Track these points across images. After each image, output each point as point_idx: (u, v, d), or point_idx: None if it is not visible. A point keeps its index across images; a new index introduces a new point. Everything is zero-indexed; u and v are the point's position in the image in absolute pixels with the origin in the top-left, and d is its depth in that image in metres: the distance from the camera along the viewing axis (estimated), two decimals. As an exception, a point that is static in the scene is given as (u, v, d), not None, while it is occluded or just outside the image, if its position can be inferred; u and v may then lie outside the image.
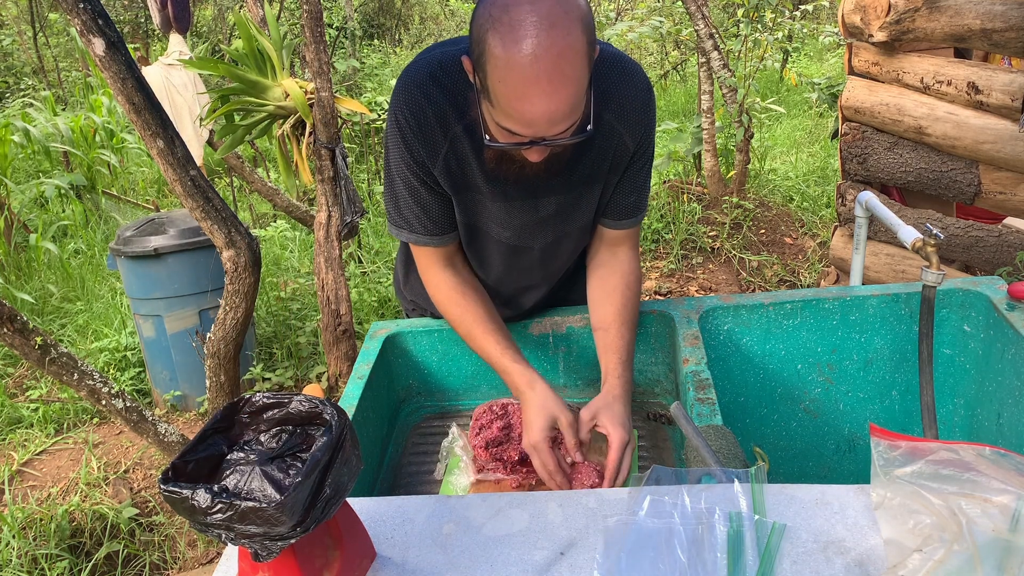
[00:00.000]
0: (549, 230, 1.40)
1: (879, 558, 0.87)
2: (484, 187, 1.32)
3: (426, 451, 1.53)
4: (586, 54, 1.04)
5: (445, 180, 1.32)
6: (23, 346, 2.11)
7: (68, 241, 5.35)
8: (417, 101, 1.25)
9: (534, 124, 1.06)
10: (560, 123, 1.07)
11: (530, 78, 1.00)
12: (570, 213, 1.38)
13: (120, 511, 2.71)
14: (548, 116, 1.04)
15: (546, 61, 0.99)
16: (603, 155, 1.32)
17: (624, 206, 1.42)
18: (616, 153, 1.32)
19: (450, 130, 1.27)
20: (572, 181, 1.32)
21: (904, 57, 2.74)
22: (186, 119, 3.96)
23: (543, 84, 1.01)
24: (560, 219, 1.39)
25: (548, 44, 0.99)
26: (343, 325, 3.07)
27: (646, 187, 1.42)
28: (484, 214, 1.37)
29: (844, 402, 1.68)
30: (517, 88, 1.02)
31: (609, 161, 1.33)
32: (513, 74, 1.01)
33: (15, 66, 9.63)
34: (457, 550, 0.97)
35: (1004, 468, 0.87)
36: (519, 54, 0.99)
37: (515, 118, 1.06)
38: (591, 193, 1.36)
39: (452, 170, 1.31)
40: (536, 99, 1.02)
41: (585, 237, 1.48)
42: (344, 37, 9.00)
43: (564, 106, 1.04)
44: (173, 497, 0.77)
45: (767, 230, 4.73)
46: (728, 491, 0.98)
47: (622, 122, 1.29)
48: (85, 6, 1.97)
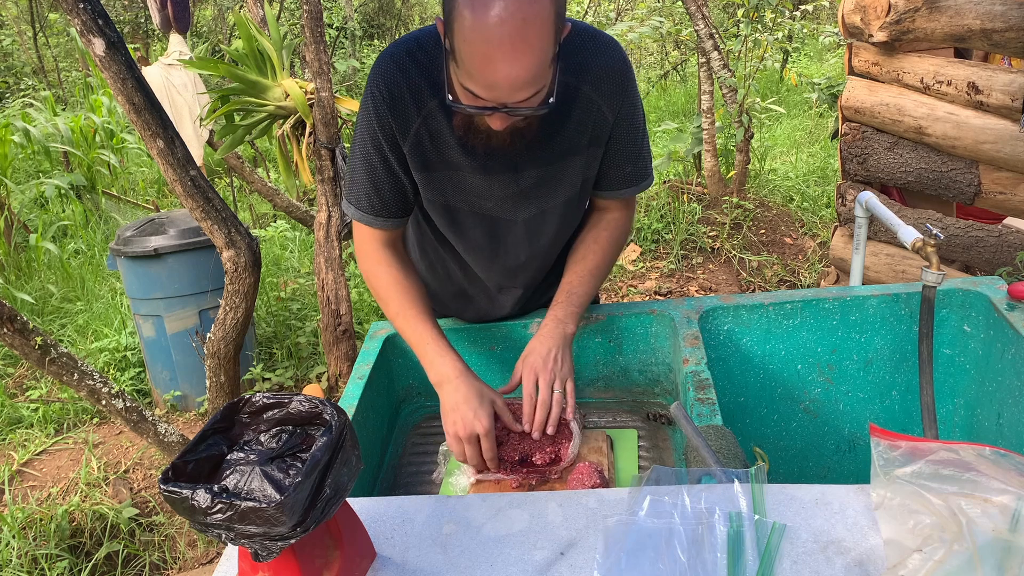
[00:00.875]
0: (532, 203, 1.41)
1: (879, 558, 0.87)
2: (462, 161, 1.32)
3: (426, 451, 1.53)
4: (552, 24, 1.05)
5: (416, 156, 1.32)
6: (23, 346, 2.11)
7: (68, 241, 5.35)
8: (392, 75, 1.27)
9: (495, 88, 1.07)
10: (521, 90, 1.08)
11: (494, 41, 1.02)
12: (552, 186, 1.39)
13: (120, 511, 2.71)
14: (510, 81, 1.06)
15: (511, 25, 1.01)
16: (582, 127, 1.33)
17: (620, 177, 1.43)
18: (595, 125, 1.34)
19: (424, 106, 1.28)
20: (552, 153, 1.33)
21: (904, 57, 2.74)
22: (186, 119, 3.96)
23: (506, 48, 1.02)
24: (542, 192, 1.39)
25: (514, 9, 1.01)
26: (343, 325, 3.07)
27: (642, 157, 1.43)
28: (463, 189, 1.37)
29: (844, 402, 1.68)
30: (481, 50, 1.04)
31: (588, 134, 1.34)
32: (478, 36, 1.03)
33: (15, 66, 9.63)
34: (457, 550, 0.97)
35: (1004, 468, 0.87)
36: (485, 16, 1.01)
37: (478, 80, 1.07)
38: (572, 165, 1.37)
39: (424, 146, 1.31)
40: (499, 62, 1.04)
41: (571, 213, 1.48)
42: (344, 37, 9.00)
43: (526, 72, 1.05)
44: (173, 497, 0.77)
45: (767, 230, 4.73)
46: (728, 491, 0.98)
47: (599, 94, 1.31)
48: (85, 6, 1.97)
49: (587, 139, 1.35)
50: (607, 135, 1.37)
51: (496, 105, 1.11)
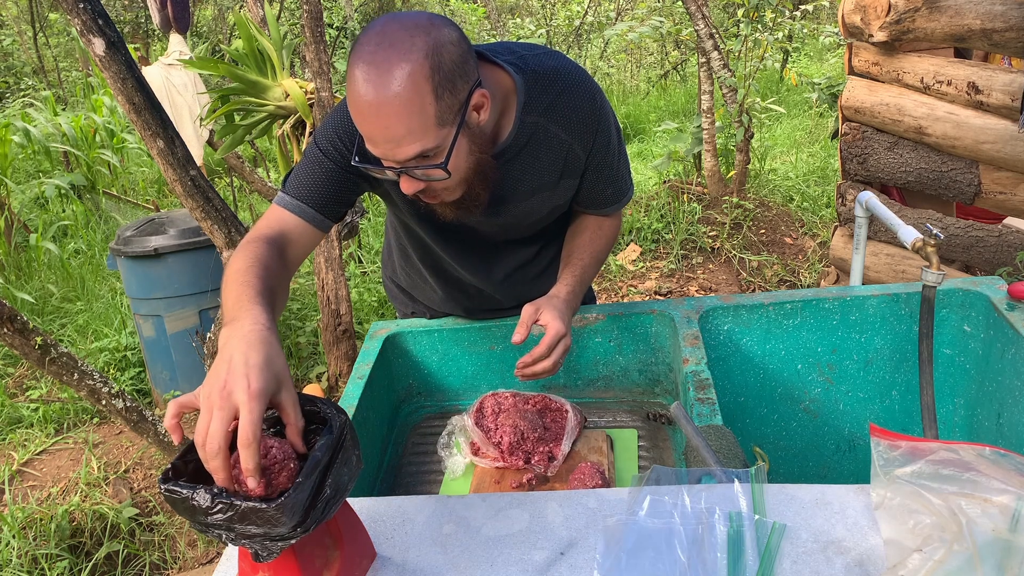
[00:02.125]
0: (499, 232, 1.46)
1: (879, 558, 0.87)
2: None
3: (426, 451, 1.53)
4: (427, 80, 1.04)
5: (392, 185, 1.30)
6: (23, 346, 2.11)
7: (68, 241, 5.35)
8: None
9: (374, 142, 1.09)
10: (398, 146, 1.07)
11: (359, 95, 1.05)
12: (520, 218, 1.42)
13: (120, 511, 2.71)
14: (381, 135, 1.07)
15: (372, 80, 1.03)
16: (552, 165, 1.34)
17: (603, 198, 1.45)
18: (567, 161, 1.34)
19: None
20: (520, 191, 1.35)
21: (904, 57, 2.74)
22: (186, 119, 3.96)
23: (368, 102, 1.04)
24: (511, 224, 1.43)
25: (377, 63, 1.03)
26: (343, 325, 3.07)
27: (620, 176, 1.44)
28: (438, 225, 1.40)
29: (844, 402, 1.68)
30: (353, 105, 1.07)
31: (559, 170, 1.35)
32: (350, 90, 1.06)
33: (15, 66, 9.64)
34: (457, 550, 0.97)
35: (1004, 468, 0.87)
36: (353, 70, 1.05)
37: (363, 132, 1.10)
38: (544, 200, 1.39)
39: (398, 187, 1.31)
40: (366, 117, 1.06)
41: (543, 231, 1.52)
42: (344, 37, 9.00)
43: (396, 126, 1.05)
44: (173, 497, 0.77)
45: (767, 230, 4.73)
46: (728, 491, 0.98)
47: (569, 132, 1.31)
48: (85, 6, 1.97)
49: (557, 175, 1.36)
50: (581, 169, 1.37)
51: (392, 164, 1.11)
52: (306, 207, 1.28)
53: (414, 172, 1.12)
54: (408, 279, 1.71)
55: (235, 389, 0.82)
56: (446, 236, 1.47)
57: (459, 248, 1.50)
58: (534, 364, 1.25)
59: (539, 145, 1.30)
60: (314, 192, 1.29)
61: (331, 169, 1.29)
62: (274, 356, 0.88)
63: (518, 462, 1.34)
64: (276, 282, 1.13)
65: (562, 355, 1.26)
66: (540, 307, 1.29)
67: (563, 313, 1.28)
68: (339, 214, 1.34)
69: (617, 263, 4.59)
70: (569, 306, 1.33)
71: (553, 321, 1.25)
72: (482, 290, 1.59)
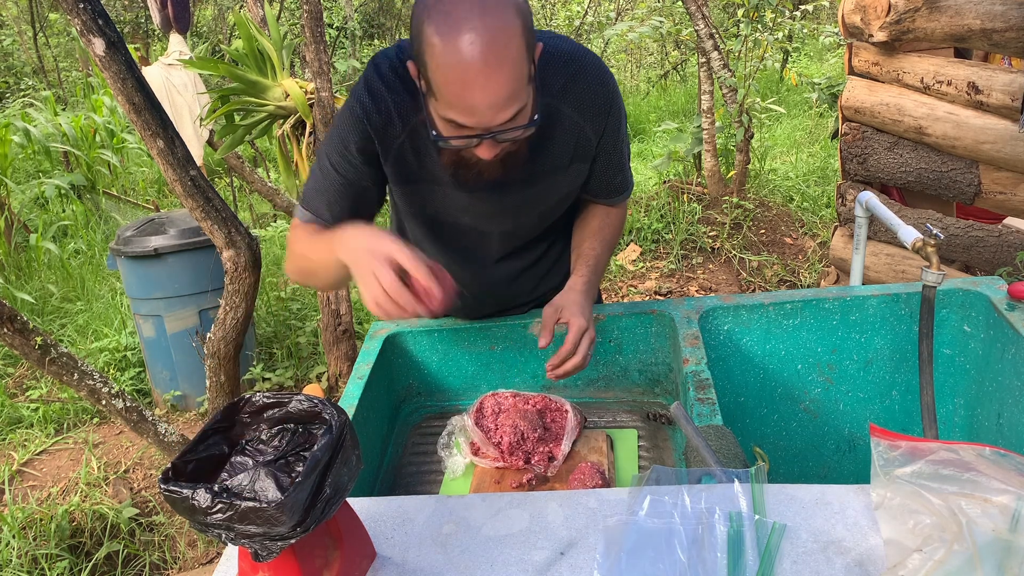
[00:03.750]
0: (509, 219, 1.42)
1: (879, 558, 0.87)
2: (444, 176, 1.31)
3: (426, 451, 1.53)
4: (523, 39, 1.05)
5: (398, 172, 1.32)
6: (23, 346, 2.11)
7: (68, 241, 5.35)
8: (378, 90, 1.26)
9: (476, 111, 1.06)
10: (502, 110, 1.07)
11: (467, 63, 1.01)
12: (532, 203, 1.40)
13: (120, 511, 2.71)
14: (488, 101, 1.05)
15: (481, 45, 1.01)
16: (564, 147, 1.33)
17: (612, 186, 1.45)
18: (579, 144, 1.34)
19: (409, 121, 1.27)
20: (535, 173, 1.34)
21: (904, 57, 2.74)
22: (186, 119, 3.96)
23: (479, 67, 1.02)
24: (522, 209, 1.40)
25: (482, 28, 1.01)
26: (343, 325, 3.07)
27: (626, 167, 1.45)
28: (446, 203, 1.37)
29: (844, 402, 1.68)
30: (456, 76, 1.03)
31: (571, 153, 1.34)
32: (451, 61, 1.02)
33: (15, 66, 9.64)
34: (457, 550, 0.97)
35: (1004, 468, 0.87)
36: (455, 40, 1.01)
37: (459, 108, 1.06)
38: (555, 184, 1.38)
39: (407, 161, 1.31)
40: (475, 83, 1.03)
41: (545, 222, 1.50)
42: (344, 37, 9.00)
43: (503, 90, 1.04)
44: (173, 497, 0.77)
45: (767, 230, 4.73)
46: (728, 491, 0.98)
47: (581, 114, 1.31)
48: (85, 6, 1.97)
49: (568, 158, 1.35)
50: (592, 154, 1.37)
51: (481, 132, 1.09)
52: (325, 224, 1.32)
53: (503, 135, 1.11)
54: None
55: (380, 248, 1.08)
56: (450, 237, 1.47)
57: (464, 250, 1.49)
58: (563, 363, 1.27)
59: (552, 127, 1.29)
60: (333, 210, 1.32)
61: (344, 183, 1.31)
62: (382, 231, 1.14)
63: (518, 462, 1.34)
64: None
65: (589, 348, 1.28)
66: (559, 307, 1.30)
67: (582, 307, 1.29)
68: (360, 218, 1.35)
69: (617, 263, 4.59)
70: (587, 297, 1.33)
71: (574, 318, 1.27)
72: (483, 293, 1.59)
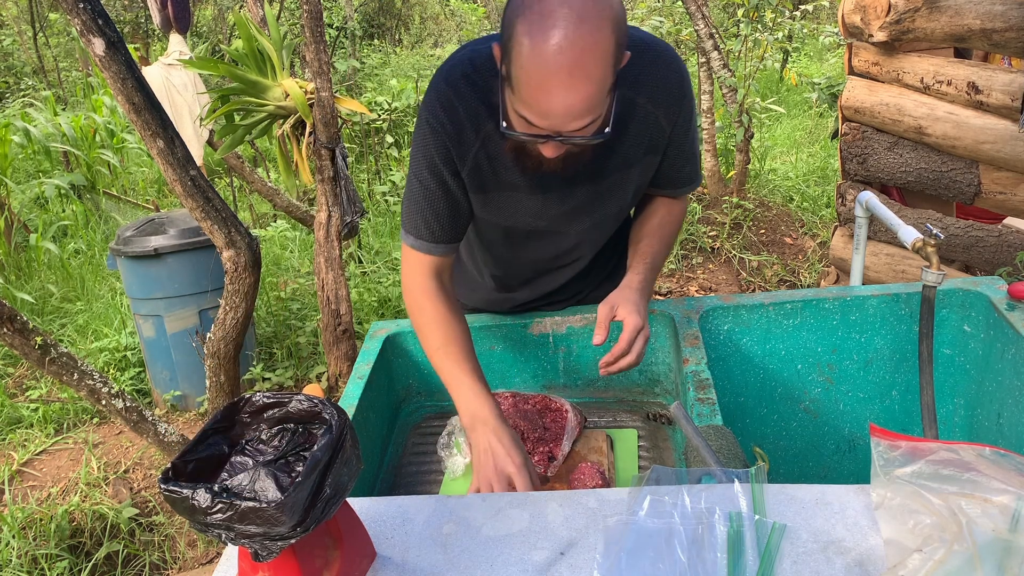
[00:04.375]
0: (584, 216, 1.40)
1: (879, 558, 0.87)
2: (519, 182, 1.31)
3: (426, 451, 1.53)
4: (612, 55, 1.04)
5: (474, 180, 1.32)
6: (23, 346, 2.11)
7: (68, 241, 5.35)
8: (449, 100, 1.26)
9: (550, 116, 1.06)
10: (576, 119, 1.07)
11: (552, 70, 1.01)
12: (607, 198, 1.38)
13: (120, 511, 2.71)
14: (565, 110, 1.05)
15: (570, 55, 1.00)
16: (639, 140, 1.31)
17: (680, 177, 1.43)
18: (652, 135, 1.32)
19: (482, 129, 1.27)
20: (607, 167, 1.32)
21: (904, 57, 2.74)
22: (186, 119, 3.96)
23: (563, 77, 1.01)
24: (596, 205, 1.38)
25: (574, 38, 0.99)
26: (343, 325, 3.07)
27: (695, 153, 1.43)
28: (519, 210, 1.37)
29: (844, 402, 1.68)
30: (538, 78, 1.02)
31: (645, 144, 1.33)
32: (536, 63, 1.01)
33: (15, 66, 9.64)
34: (457, 550, 0.97)
35: (1004, 468, 0.87)
36: (544, 44, 1.00)
37: (533, 108, 1.06)
38: (629, 177, 1.36)
39: (483, 169, 1.31)
40: (555, 91, 1.03)
41: (624, 215, 1.49)
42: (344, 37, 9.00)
43: (582, 103, 1.04)
44: (173, 497, 0.77)
45: (767, 230, 4.73)
46: (728, 491, 0.98)
47: (656, 105, 1.29)
48: (85, 6, 1.97)
49: (643, 149, 1.33)
50: (664, 143, 1.35)
51: (550, 133, 1.09)
52: (442, 245, 1.37)
53: (572, 139, 1.11)
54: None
55: (505, 467, 1.19)
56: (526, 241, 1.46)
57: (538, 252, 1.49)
58: (617, 361, 1.26)
59: (627, 118, 1.28)
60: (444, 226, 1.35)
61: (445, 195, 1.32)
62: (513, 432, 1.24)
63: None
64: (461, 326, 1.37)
65: (643, 347, 1.27)
66: (615, 304, 1.29)
67: (638, 305, 1.28)
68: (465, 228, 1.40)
69: (617, 263, 4.58)
70: (644, 295, 1.32)
71: (630, 316, 1.26)
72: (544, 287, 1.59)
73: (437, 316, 1.36)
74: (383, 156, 6.28)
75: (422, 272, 1.39)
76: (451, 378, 1.31)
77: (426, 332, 1.37)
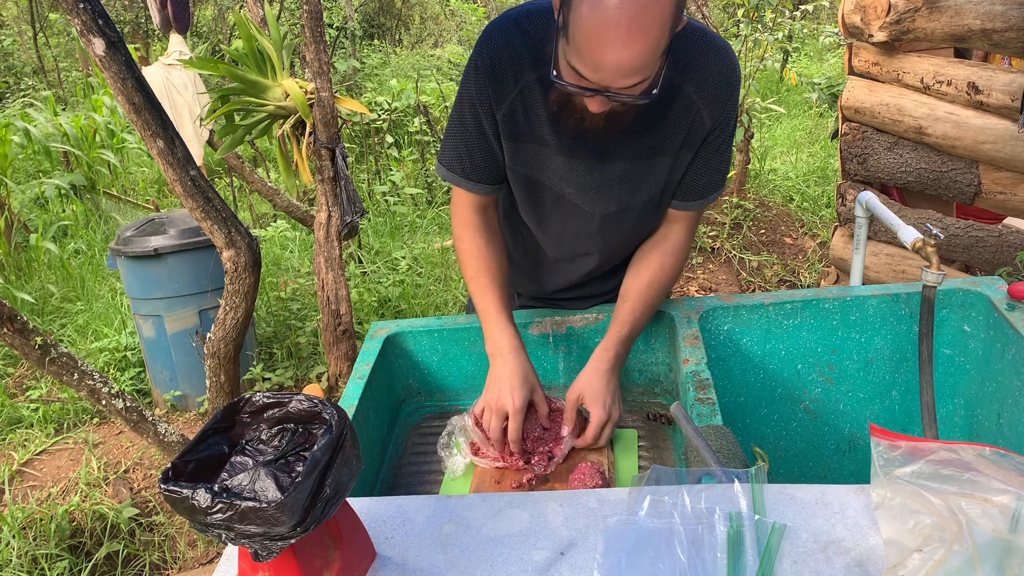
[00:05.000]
0: (613, 197, 1.39)
1: (879, 558, 0.87)
2: (551, 139, 1.32)
3: (426, 451, 1.53)
4: (671, 16, 1.04)
5: (508, 126, 1.33)
6: (23, 346, 2.11)
7: (68, 241, 5.35)
8: (496, 43, 1.28)
9: (602, 70, 1.06)
10: (628, 76, 1.06)
11: (610, 23, 1.01)
12: (636, 183, 1.36)
13: (120, 511, 2.71)
14: (618, 65, 1.04)
15: (630, 10, 1.00)
16: (677, 128, 1.30)
17: (694, 187, 1.40)
18: (692, 128, 1.30)
19: (523, 77, 1.28)
20: (641, 148, 1.31)
21: (904, 57, 2.74)
22: (186, 119, 3.96)
23: (621, 32, 1.01)
24: (625, 187, 1.37)
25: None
26: (343, 325, 3.07)
27: (721, 168, 1.40)
28: (547, 167, 1.37)
29: (844, 402, 1.68)
30: (595, 30, 1.02)
31: (683, 136, 1.31)
32: (594, 16, 1.01)
33: (15, 66, 9.64)
34: (457, 550, 0.97)
35: (1004, 468, 0.87)
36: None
37: (587, 60, 1.06)
38: (659, 165, 1.34)
39: (517, 117, 1.31)
40: (611, 45, 1.02)
41: (649, 215, 1.45)
42: (344, 37, 9.00)
43: (636, 59, 1.04)
44: (173, 497, 0.77)
45: (767, 230, 4.73)
46: (728, 491, 0.98)
47: (702, 96, 1.27)
48: (85, 6, 1.97)
49: (680, 140, 1.32)
50: (700, 141, 1.33)
51: (599, 87, 1.09)
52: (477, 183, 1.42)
53: (618, 96, 1.10)
54: None
55: (505, 404, 1.31)
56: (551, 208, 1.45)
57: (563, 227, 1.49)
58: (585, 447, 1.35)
59: (670, 102, 1.26)
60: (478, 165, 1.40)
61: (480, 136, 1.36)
62: (527, 371, 1.35)
63: (518, 462, 1.34)
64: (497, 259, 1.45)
65: (610, 433, 1.36)
66: (582, 393, 1.35)
67: (603, 396, 1.34)
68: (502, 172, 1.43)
69: (617, 263, 4.58)
70: (612, 379, 1.37)
71: (595, 408, 1.34)
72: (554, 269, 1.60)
73: (472, 248, 1.45)
74: (383, 156, 6.28)
75: (464, 205, 1.46)
76: (479, 308, 1.43)
77: (463, 263, 1.47)
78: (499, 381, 1.34)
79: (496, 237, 1.48)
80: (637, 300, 1.42)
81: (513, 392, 1.32)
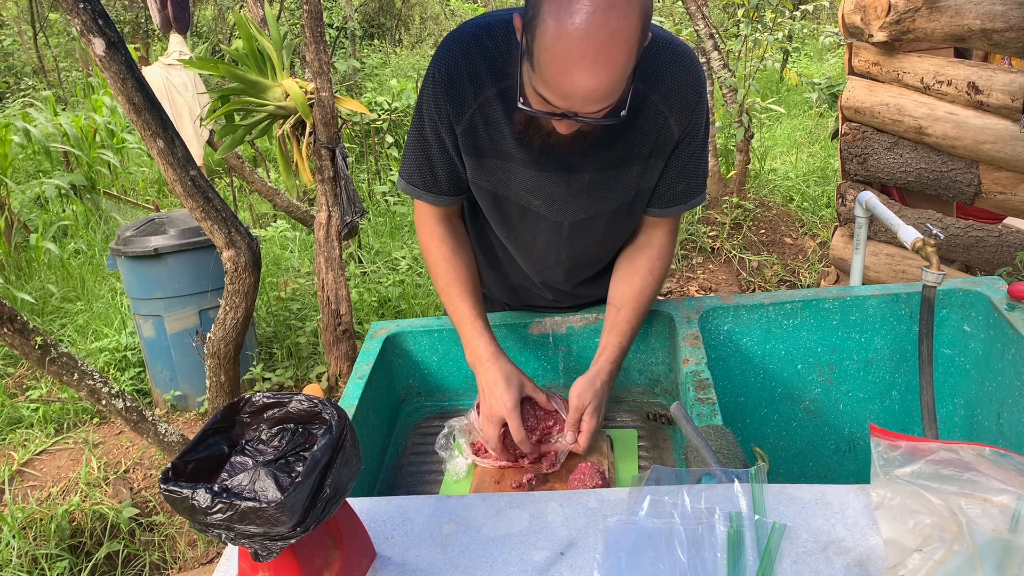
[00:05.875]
0: (581, 206, 1.38)
1: (879, 558, 0.87)
2: (515, 153, 1.31)
3: (426, 451, 1.53)
4: (637, 41, 1.03)
5: (468, 141, 1.32)
6: (23, 346, 2.11)
7: (68, 241, 5.35)
8: (454, 57, 1.26)
9: (570, 98, 1.06)
10: (596, 103, 1.06)
11: (576, 53, 1.00)
12: (603, 192, 1.36)
13: (120, 511, 2.71)
14: (585, 94, 1.04)
15: (596, 40, 0.99)
16: (644, 137, 1.29)
17: (671, 194, 1.40)
18: (660, 137, 1.30)
19: (482, 93, 1.27)
20: (609, 159, 1.31)
21: (904, 57, 2.74)
22: (186, 119, 3.96)
23: (587, 62, 1.00)
24: (593, 196, 1.36)
25: (602, 23, 0.98)
26: (343, 325, 3.07)
27: (697, 174, 1.40)
28: (512, 181, 1.36)
29: (844, 402, 1.68)
30: (561, 60, 1.01)
31: (651, 144, 1.31)
32: (560, 45, 1.00)
33: (15, 66, 9.64)
34: (457, 550, 0.97)
35: (1004, 468, 0.87)
36: (571, 27, 0.99)
37: (553, 89, 1.06)
38: (628, 174, 1.34)
39: (478, 132, 1.30)
40: (578, 75, 1.02)
41: (620, 223, 1.45)
42: (344, 37, 9.00)
43: (604, 88, 1.04)
44: (173, 497, 0.77)
45: (767, 230, 4.73)
46: (728, 491, 0.98)
47: (668, 105, 1.27)
48: (85, 6, 1.97)
49: (648, 150, 1.31)
50: (670, 149, 1.33)
51: (566, 112, 1.09)
52: (438, 195, 1.42)
53: (586, 119, 1.10)
54: None
55: (499, 409, 1.32)
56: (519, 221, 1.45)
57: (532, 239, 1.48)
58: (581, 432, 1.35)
59: (636, 112, 1.25)
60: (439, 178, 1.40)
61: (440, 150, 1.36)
62: (510, 371, 1.35)
63: (524, 460, 1.34)
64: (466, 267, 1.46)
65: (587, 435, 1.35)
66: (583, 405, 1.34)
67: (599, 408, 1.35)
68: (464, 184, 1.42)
69: (617, 263, 4.58)
70: (607, 389, 1.37)
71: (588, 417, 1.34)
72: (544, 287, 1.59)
73: (440, 259, 1.45)
74: (383, 156, 6.28)
75: (426, 215, 1.47)
76: (454, 319, 1.44)
77: (433, 274, 1.47)
78: (485, 390, 1.35)
79: (463, 244, 1.49)
80: (630, 307, 1.42)
81: (502, 395, 1.32)
